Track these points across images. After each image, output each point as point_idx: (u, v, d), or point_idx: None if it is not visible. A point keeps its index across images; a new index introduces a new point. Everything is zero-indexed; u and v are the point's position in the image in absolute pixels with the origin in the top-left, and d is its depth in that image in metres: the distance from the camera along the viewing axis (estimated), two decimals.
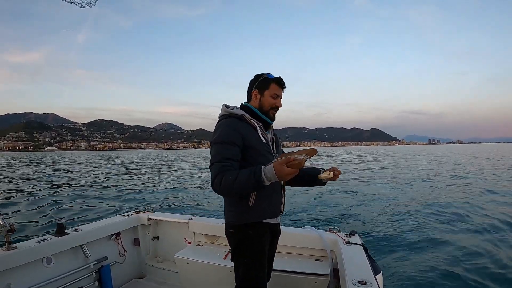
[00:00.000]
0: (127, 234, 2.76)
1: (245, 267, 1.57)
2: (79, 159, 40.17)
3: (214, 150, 1.49)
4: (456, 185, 11.35)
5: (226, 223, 1.65)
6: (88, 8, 2.59)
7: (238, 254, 1.60)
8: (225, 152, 1.46)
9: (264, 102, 1.63)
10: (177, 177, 15.93)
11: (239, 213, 1.57)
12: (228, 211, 1.63)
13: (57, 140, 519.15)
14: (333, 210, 7.39)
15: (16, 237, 3.94)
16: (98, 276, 2.35)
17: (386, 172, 17.17)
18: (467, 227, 5.70)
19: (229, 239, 1.66)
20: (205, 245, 2.62)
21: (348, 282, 1.42)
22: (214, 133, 1.56)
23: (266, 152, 1.59)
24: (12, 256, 1.84)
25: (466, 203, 7.92)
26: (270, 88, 1.62)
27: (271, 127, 1.72)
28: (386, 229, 5.60)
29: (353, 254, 1.85)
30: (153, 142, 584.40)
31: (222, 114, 1.62)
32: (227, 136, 1.49)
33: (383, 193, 9.87)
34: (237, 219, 1.58)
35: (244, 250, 1.58)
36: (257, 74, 1.68)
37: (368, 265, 1.66)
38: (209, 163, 1.49)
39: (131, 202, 8.65)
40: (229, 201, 1.62)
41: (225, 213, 1.65)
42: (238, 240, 1.59)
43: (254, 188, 1.41)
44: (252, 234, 1.57)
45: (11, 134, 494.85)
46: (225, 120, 1.56)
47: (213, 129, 1.64)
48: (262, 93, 1.63)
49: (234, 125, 1.53)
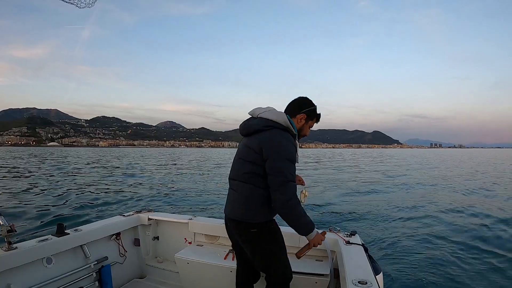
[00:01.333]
0: (127, 234, 2.75)
1: (275, 255, 1.75)
2: (84, 157, 40.19)
3: (287, 167, 1.59)
4: (456, 187, 11.34)
5: (247, 223, 1.69)
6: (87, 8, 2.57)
7: (265, 247, 1.72)
8: (294, 171, 1.63)
9: (304, 129, 1.82)
10: (177, 177, 15.94)
11: (263, 213, 1.69)
12: (251, 210, 1.67)
13: (59, 136, 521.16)
14: (333, 210, 7.41)
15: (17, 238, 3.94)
16: (98, 276, 2.35)
17: (387, 173, 17.13)
18: (467, 227, 5.72)
19: (249, 237, 1.72)
20: (205, 245, 2.63)
21: (349, 282, 1.42)
22: (283, 146, 1.60)
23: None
24: (12, 256, 1.83)
25: (467, 204, 7.93)
26: (313, 120, 1.83)
27: None
28: (386, 229, 5.62)
29: (354, 254, 1.86)
30: (155, 140, 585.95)
31: (280, 123, 1.68)
32: (294, 155, 1.64)
33: (383, 194, 9.87)
34: (259, 219, 1.69)
35: (270, 242, 1.73)
36: (308, 99, 1.81)
37: (368, 265, 1.66)
38: (281, 178, 1.57)
39: (131, 202, 8.65)
40: (250, 202, 1.67)
41: (245, 212, 1.68)
42: (263, 235, 1.71)
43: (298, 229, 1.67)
44: (272, 226, 1.76)
45: (13, 129, 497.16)
46: (287, 135, 1.66)
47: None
48: (307, 121, 1.80)
49: (294, 143, 1.67)
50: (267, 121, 1.68)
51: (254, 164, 1.64)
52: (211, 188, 11.51)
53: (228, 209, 1.78)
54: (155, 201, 8.90)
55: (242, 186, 1.69)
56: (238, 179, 1.72)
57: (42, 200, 8.51)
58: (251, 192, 1.66)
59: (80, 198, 8.90)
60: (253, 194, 1.66)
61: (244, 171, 1.68)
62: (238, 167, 1.74)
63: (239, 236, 1.76)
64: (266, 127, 1.66)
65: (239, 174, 1.72)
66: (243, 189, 1.69)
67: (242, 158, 1.72)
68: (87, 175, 15.10)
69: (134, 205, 8.16)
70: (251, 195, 1.66)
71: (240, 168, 1.71)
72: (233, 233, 1.81)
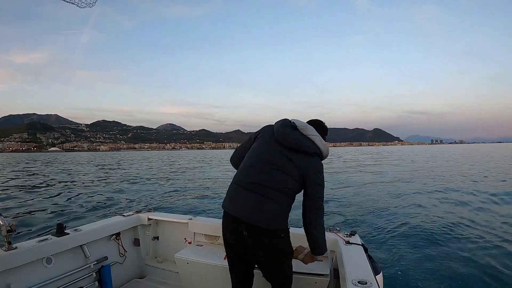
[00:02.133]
0: (127, 234, 2.76)
1: (289, 266, 1.82)
2: (85, 161, 40.15)
3: (323, 194, 1.73)
4: (457, 186, 11.31)
5: (276, 229, 1.67)
6: (88, 8, 2.60)
7: (288, 252, 1.78)
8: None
9: None
10: (178, 176, 15.93)
11: (286, 219, 1.73)
12: (277, 216, 1.67)
13: (60, 141, 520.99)
14: (333, 210, 7.40)
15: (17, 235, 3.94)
16: (98, 276, 2.36)
17: (387, 173, 17.12)
18: (468, 228, 5.69)
19: (275, 243, 1.70)
20: (205, 245, 2.63)
21: (348, 282, 1.42)
22: (321, 175, 1.74)
23: None
24: (12, 256, 1.84)
25: (468, 204, 7.90)
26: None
27: None
28: (386, 229, 5.60)
29: (353, 254, 1.85)
30: (156, 143, 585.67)
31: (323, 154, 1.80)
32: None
33: (383, 194, 9.84)
34: (285, 225, 1.72)
35: (290, 251, 1.80)
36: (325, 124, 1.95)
37: (368, 265, 1.66)
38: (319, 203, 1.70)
39: (131, 202, 8.66)
40: (285, 211, 1.71)
41: (272, 219, 1.65)
42: (288, 242, 1.76)
43: (317, 249, 1.73)
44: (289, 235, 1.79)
45: (14, 135, 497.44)
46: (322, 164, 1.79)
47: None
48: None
49: None
50: (317, 148, 1.75)
51: (296, 182, 1.69)
52: (211, 188, 11.51)
53: (248, 214, 1.64)
54: (155, 201, 8.90)
55: (279, 197, 1.65)
56: (273, 187, 1.65)
57: (42, 200, 8.53)
58: (286, 203, 1.70)
59: (80, 198, 8.92)
60: (288, 205, 1.71)
61: (286, 186, 1.67)
62: (275, 177, 1.67)
63: (262, 243, 1.67)
64: (315, 154, 1.75)
65: (276, 184, 1.66)
66: (281, 199, 1.66)
67: (281, 170, 1.68)
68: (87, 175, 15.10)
69: (134, 205, 8.18)
70: (286, 205, 1.70)
71: (280, 180, 1.67)
72: (246, 238, 1.68)
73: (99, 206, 7.79)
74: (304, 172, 1.69)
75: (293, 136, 1.72)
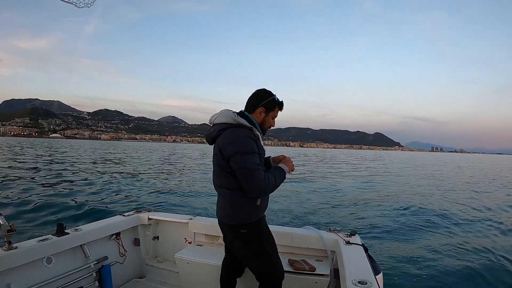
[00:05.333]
0: (127, 234, 2.75)
1: (267, 255, 1.82)
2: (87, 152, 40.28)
3: (247, 159, 1.64)
4: (457, 188, 11.36)
5: (235, 225, 1.77)
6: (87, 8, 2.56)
7: (256, 247, 1.79)
8: (256, 160, 1.67)
9: (266, 122, 1.84)
10: (177, 176, 15.95)
11: (249, 213, 1.75)
12: (235, 213, 1.74)
13: (61, 127, 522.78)
14: (334, 210, 7.44)
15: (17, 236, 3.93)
16: (98, 276, 2.35)
17: (387, 174, 17.12)
18: (468, 228, 5.74)
19: (240, 239, 1.80)
20: (205, 245, 2.63)
21: (349, 282, 1.42)
22: (235, 142, 1.65)
23: (263, 158, 1.83)
24: (12, 256, 1.83)
25: (468, 206, 7.96)
26: (274, 110, 1.84)
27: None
28: (386, 230, 5.64)
29: (354, 254, 1.86)
30: (157, 135, 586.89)
31: (230, 123, 1.73)
32: (252, 146, 1.67)
33: (383, 194, 9.88)
34: (247, 219, 1.75)
35: (261, 242, 1.80)
36: (265, 90, 1.83)
37: (368, 265, 1.67)
38: (246, 171, 1.63)
39: (131, 202, 8.66)
40: (235, 203, 1.74)
41: (230, 215, 1.76)
42: (253, 236, 1.78)
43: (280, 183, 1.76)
44: (262, 226, 1.83)
45: (16, 119, 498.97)
46: (242, 130, 1.70)
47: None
48: (267, 113, 1.82)
49: (251, 135, 1.70)
50: (220, 125, 1.75)
51: (224, 169, 1.72)
52: (212, 187, 11.50)
53: (218, 213, 1.87)
54: (155, 200, 8.90)
55: (222, 191, 1.79)
56: (217, 184, 1.82)
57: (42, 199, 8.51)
58: (232, 195, 1.74)
59: (80, 198, 8.90)
60: (234, 197, 1.73)
61: (219, 177, 1.77)
62: (214, 174, 1.83)
63: (232, 239, 1.86)
64: (220, 131, 1.73)
65: (217, 180, 1.81)
66: (224, 193, 1.78)
67: (214, 165, 1.81)
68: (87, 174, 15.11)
69: (134, 205, 8.16)
70: (233, 198, 1.74)
71: (216, 174, 1.81)
72: (226, 234, 1.91)
73: (99, 206, 7.78)
74: (221, 153, 1.70)
75: (208, 133, 1.84)
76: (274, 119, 1.87)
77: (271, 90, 1.84)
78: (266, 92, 1.82)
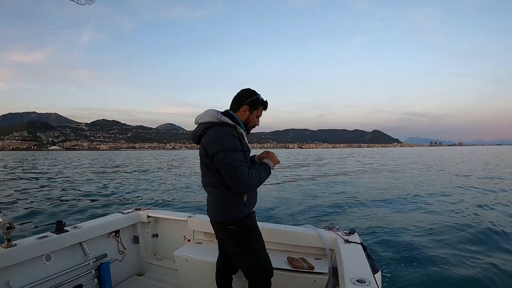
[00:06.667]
0: (126, 232, 2.76)
1: (255, 252, 1.82)
2: (87, 160, 40.09)
3: (231, 156, 1.65)
4: (457, 185, 11.33)
5: (222, 222, 1.78)
6: (88, 7, 2.60)
7: (244, 244, 1.80)
8: (240, 157, 1.68)
9: (250, 120, 1.85)
10: (177, 175, 15.92)
11: (235, 209, 1.76)
12: (222, 210, 1.76)
13: (60, 139, 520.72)
14: (333, 208, 7.40)
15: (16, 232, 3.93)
16: (97, 274, 2.36)
17: (387, 173, 17.13)
18: (467, 227, 5.68)
19: (228, 235, 1.81)
20: (204, 242, 2.63)
21: (347, 281, 1.42)
22: (218, 140, 1.67)
23: (248, 156, 1.85)
24: (12, 253, 1.84)
25: (467, 203, 7.91)
26: (258, 109, 1.86)
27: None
28: (385, 228, 5.61)
29: (352, 252, 1.86)
30: (156, 143, 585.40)
31: (214, 121, 1.74)
32: (235, 143, 1.68)
33: (382, 193, 9.85)
34: (234, 215, 1.76)
35: (248, 239, 1.81)
36: (249, 90, 1.85)
37: (367, 264, 1.67)
38: (230, 167, 1.64)
39: (130, 199, 8.65)
40: (222, 200, 1.75)
41: (218, 213, 1.78)
42: (240, 232, 1.79)
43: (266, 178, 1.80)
44: (249, 223, 1.82)
45: (14, 133, 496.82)
46: (225, 128, 1.71)
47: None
48: (251, 112, 1.84)
49: (234, 133, 1.71)
50: (204, 124, 1.76)
51: (210, 168, 1.73)
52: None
53: (208, 212, 1.90)
54: (154, 198, 8.89)
55: (210, 190, 1.81)
56: (205, 183, 1.83)
57: (41, 197, 8.50)
58: (219, 193, 1.75)
59: (79, 196, 8.89)
60: (221, 195, 1.74)
61: (206, 176, 1.79)
62: (202, 173, 1.85)
63: (222, 236, 1.88)
64: (204, 130, 1.74)
65: (204, 179, 1.83)
66: (212, 192, 1.79)
67: (201, 164, 1.82)
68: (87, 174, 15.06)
69: (133, 203, 8.16)
70: (220, 196, 1.75)
71: (203, 174, 1.82)
72: (217, 232, 1.93)
73: (99, 204, 7.77)
74: (205, 152, 1.72)
75: (193, 133, 1.86)
76: (258, 118, 1.88)
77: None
78: (250, 91, 1.85)
